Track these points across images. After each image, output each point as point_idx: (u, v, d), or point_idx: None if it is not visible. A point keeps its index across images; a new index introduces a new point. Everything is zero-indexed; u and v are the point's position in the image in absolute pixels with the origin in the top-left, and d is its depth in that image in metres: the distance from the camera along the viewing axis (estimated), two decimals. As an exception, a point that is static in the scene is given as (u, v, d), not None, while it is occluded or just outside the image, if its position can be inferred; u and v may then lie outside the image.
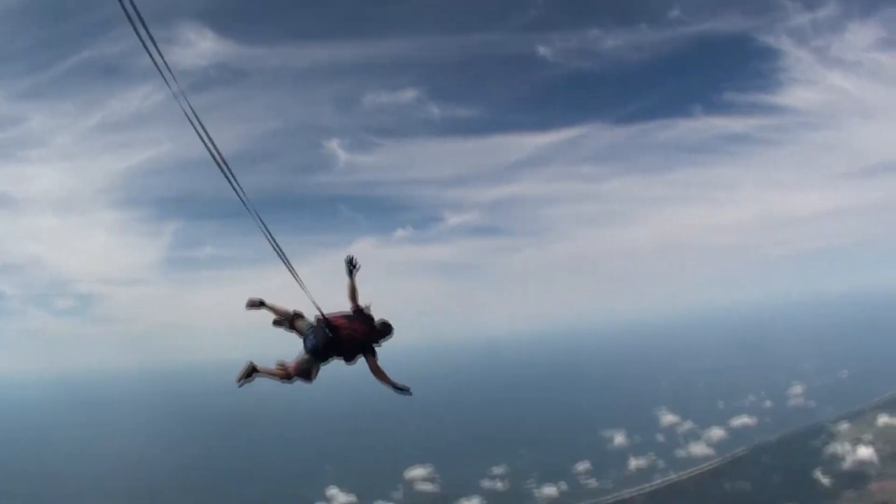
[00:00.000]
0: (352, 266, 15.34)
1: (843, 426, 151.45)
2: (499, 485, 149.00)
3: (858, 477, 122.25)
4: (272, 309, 15.79)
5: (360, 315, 15.22)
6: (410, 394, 15.68)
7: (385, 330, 15.62)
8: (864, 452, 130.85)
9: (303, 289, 14.51)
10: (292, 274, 14.40)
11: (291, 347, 15.65)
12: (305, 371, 15.12)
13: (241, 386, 15.66)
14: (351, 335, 14.98)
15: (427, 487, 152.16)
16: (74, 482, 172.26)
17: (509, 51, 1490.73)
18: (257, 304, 15.74)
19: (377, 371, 15.52)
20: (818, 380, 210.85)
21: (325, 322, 14.89)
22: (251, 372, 15.42)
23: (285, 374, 15.18)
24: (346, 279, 15.32)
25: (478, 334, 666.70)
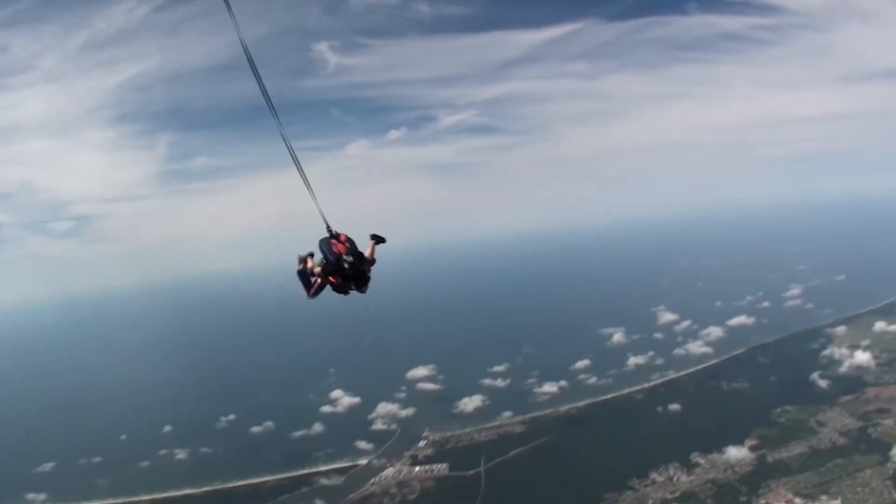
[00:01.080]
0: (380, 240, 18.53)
1: (841, 330, 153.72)
2: (500, 382, 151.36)
3: (855, 382, 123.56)
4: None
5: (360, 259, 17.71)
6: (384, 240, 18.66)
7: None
8: (861, 357, 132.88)
9: (311, 196, 17.48)
10: (303, 180, 16.90)
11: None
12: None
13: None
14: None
15: (429, 386, 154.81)
16: (88, 397, 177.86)
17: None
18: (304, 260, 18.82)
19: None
20: (815, 282, 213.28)
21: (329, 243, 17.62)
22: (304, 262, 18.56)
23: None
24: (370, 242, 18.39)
25: (477, 235, 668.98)
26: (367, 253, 18.28)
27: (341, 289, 17.76)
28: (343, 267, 17.38)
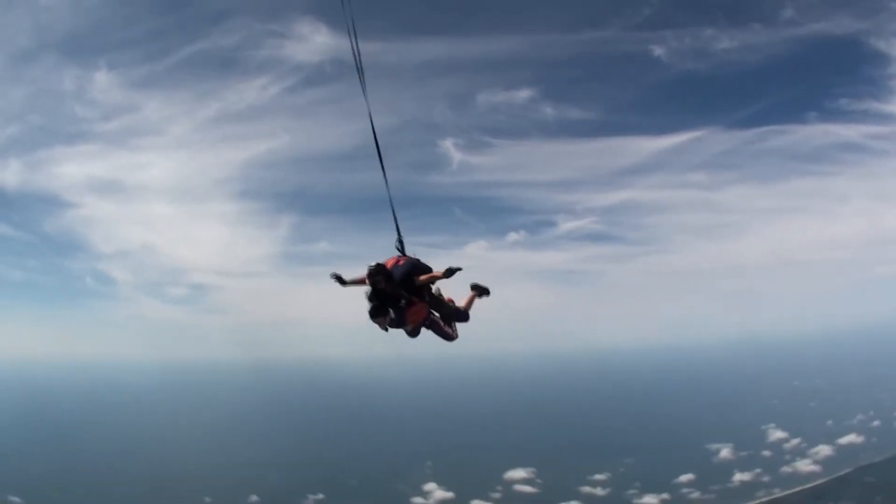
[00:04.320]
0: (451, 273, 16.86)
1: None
2: (599, 491, 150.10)
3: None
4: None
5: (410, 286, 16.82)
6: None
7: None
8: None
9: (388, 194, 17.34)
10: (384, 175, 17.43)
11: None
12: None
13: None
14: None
15: (526, 489, 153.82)
16: (175, 460, 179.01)
17: (623, 49, 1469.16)
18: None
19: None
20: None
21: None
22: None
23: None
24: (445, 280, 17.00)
25: (587, 344, 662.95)
26: (462, 304, 18.09)
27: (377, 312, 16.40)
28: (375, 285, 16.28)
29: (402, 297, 16.58)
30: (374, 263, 16.23)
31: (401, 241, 17.41)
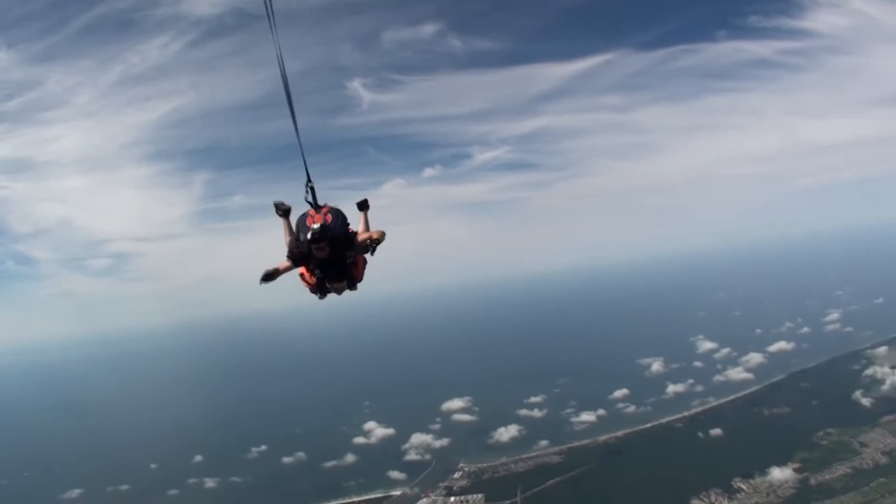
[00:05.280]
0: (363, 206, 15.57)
1: (882, 351, 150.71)
2: (536, 413, 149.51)
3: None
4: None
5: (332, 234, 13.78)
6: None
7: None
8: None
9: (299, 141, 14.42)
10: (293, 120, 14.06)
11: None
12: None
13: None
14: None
15: (464, 418, 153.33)
16: (119, 428, 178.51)
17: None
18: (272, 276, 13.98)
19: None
20: (854, 306, 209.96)
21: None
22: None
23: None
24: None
25: (514, 272, 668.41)
26: (359, 230, 14.67)
27: (315, 287, 13.99)
28: (309, 249, 13.38)
29: (346, 256, 14.07)
30: (317, 226, 13.45)
31: (312, 189, 14.50)
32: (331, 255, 13.57)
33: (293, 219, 14.31)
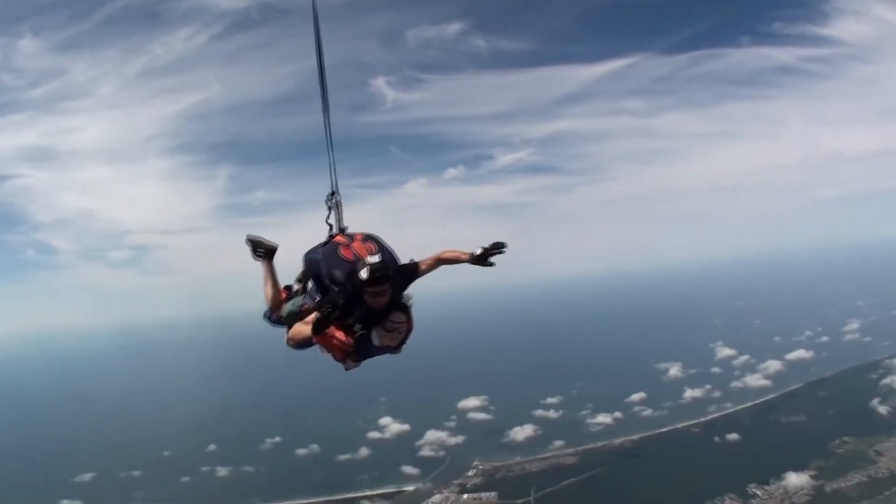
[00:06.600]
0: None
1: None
2: (552, 413, 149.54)
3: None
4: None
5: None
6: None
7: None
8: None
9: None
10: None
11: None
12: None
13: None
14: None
15: (480, 416, 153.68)
16: (134, 416, 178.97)
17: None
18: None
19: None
20: (873, 316, 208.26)
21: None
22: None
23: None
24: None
25: (534, 275, 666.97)
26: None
27: (352, 349, 10.06)
28: (357, 289, 9.35)
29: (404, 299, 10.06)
30: (376, 259, 9.37)
31: (338, 205, 11.25)
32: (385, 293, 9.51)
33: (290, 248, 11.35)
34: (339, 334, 9.80)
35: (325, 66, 11.50)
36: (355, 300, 9.48)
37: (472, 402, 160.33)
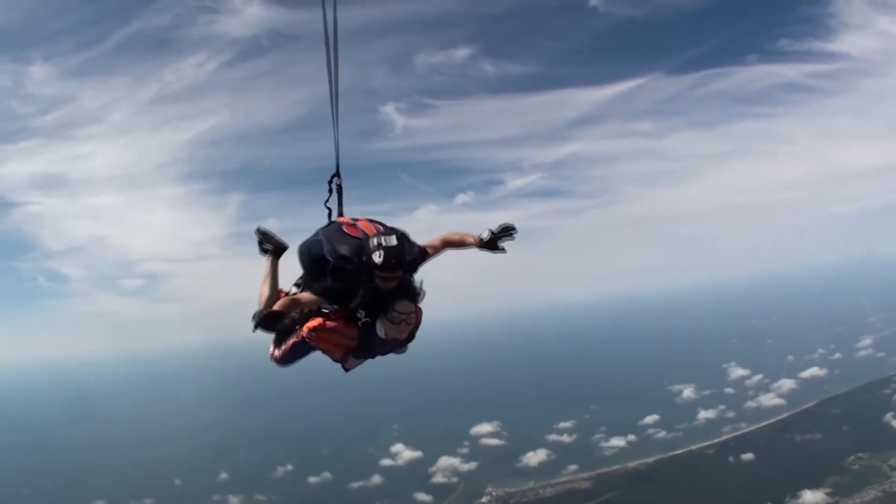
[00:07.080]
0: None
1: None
2: (565, 438, 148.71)
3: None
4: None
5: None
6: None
7: None
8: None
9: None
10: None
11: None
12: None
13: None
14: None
15: (493, 442, 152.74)
16: (146, 445, 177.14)
17: (558, 0, 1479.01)
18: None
19: None
20: (886, 332, 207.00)
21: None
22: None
23: None
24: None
25: (547, 300, 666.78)
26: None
27: (353, 341, 9.47)
28: (360, 278, 8.68)
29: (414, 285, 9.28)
30: (391, 240, 8.56)
31: (339, 189, 11.00)
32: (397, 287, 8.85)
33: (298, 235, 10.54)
34: (341, 327, 9.17)
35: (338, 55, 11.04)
36: (360, 280, 8.72)
37: (484, 427, 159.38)
